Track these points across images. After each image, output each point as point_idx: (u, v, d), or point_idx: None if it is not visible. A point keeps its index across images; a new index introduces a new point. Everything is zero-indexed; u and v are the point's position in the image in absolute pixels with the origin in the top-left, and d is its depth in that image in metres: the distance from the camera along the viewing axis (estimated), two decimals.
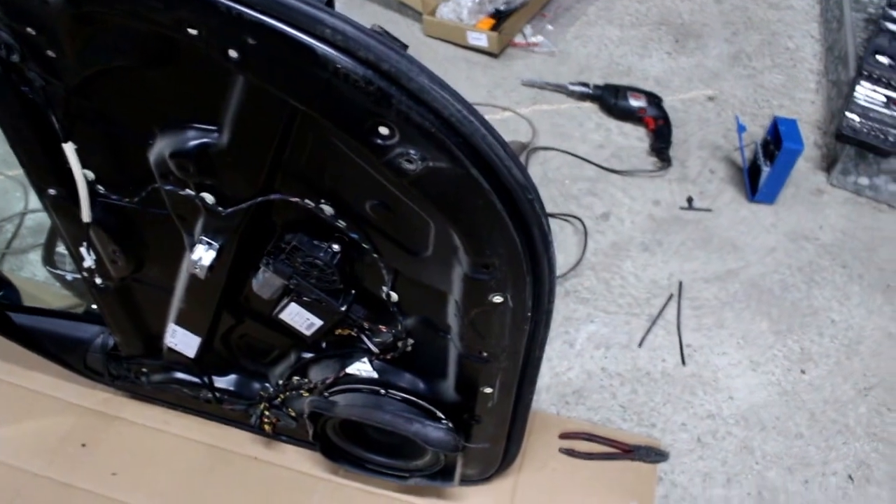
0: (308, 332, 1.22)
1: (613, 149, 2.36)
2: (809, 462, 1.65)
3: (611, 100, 2.44)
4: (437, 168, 0.81)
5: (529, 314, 1.02)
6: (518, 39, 2.71)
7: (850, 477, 1.63)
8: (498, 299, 0.99)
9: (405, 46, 0.81)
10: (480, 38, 2.64)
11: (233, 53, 0.76)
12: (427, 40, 2.73)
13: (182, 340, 1.37)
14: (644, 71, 2.62)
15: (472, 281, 0.98)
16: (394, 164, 0.81)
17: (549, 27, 2.74)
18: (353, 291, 1.14)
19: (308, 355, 1.35)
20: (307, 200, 1.00)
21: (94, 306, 1.47)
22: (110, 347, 1.51)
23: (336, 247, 1.06)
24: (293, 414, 1.42)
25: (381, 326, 1.19)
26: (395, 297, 1.12)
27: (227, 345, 1.40)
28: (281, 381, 1.40)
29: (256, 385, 1.47)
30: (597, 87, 2.48)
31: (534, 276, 0.96)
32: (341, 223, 1.02)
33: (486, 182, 0.82)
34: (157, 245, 1.21)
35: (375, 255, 1.05)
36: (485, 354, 1.12)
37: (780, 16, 2.83)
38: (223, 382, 1.49)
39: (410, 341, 1.20)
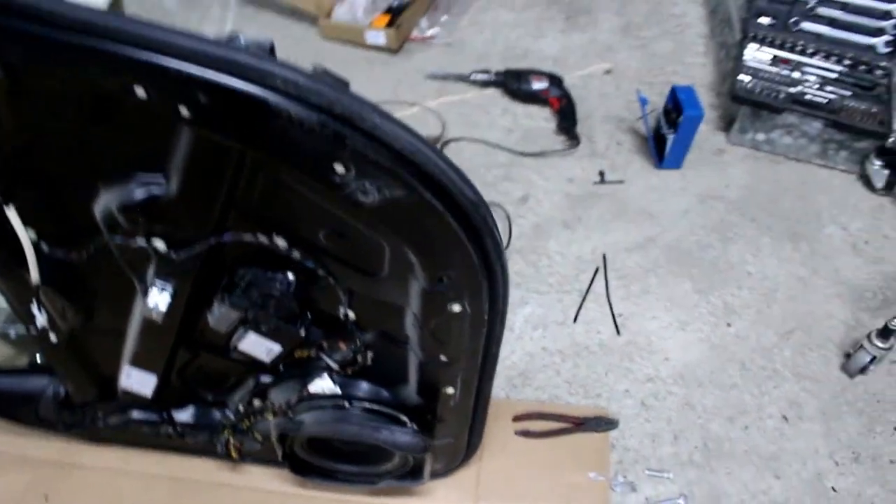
0: (268, 359, 1.24)
1: (522, 132, 2.42)
2: (746, 409, 1.76)
3: (513, 84, 2.51)
4: (392, 197, 0.84)
5: (486, 317, 1.07)
6: (415, 34, 2.74)
7: (784, 417, 1.75)
8: (457, 308, 1.04)
9: (347, 84, 0.84)
10: (378, 36, 2.67)
11: (184, 111, 0.77)
12: (325, 44, 2.74)
13: (138, 381, 1.37)
14: (541, 51, 2.69)
15: (430, 294, 1.02)
16: (350, 198, 0.84)
17: (444, 18, 2.78)
18: (310, 314, 1.17)
19: (267, 379, 1.37)
20: (260, 236, 1.02)
21: (40, 359, 1.46)
22: (62, 397, 1.50)
23: (291, 276, 1.08)
24: (259, 437, 1.44)
25: (340, 344, 1.22)
26: (352, 315, 1.16)
27: (183, 379, 1.41)
28: (242, 407, 1.41)
29: (217, 414, 1.48)
30: (498, 73, 2.54)
31: (489, 282, 1.00)
32: (295, 254, 1.04)
33: (440, 205, 0.86)
34: (106, 293, 1.21)
35: (331, 280, 1.08)
36: (445, 359, 1.17)
37: None
38: (183, 416, 1.49)
39: (370, 354, 1.24)
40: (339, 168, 0.81)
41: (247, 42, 0.80)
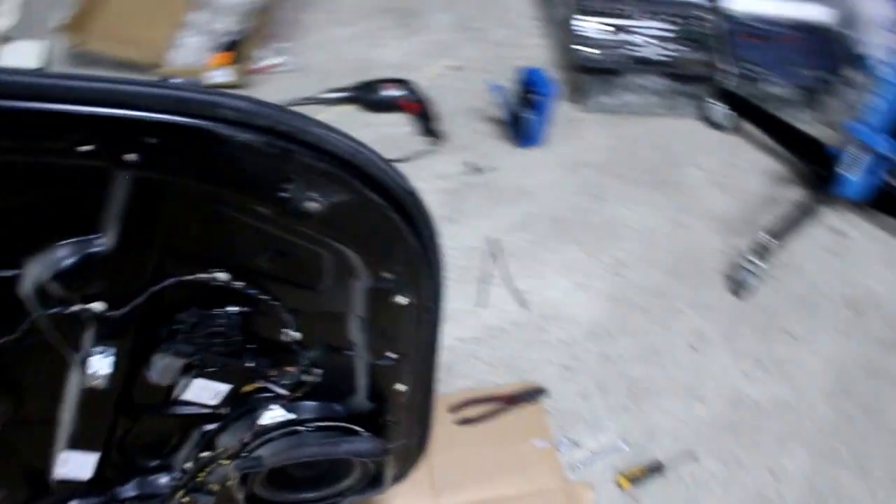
0: (215, 402, 1.23)
1: (387, 141, 2.46)
2: (657, 348, 1.89)
3: (368, 97, 2.55)
4: (339, 202, 0.88)
5: (430, 304, 1.12)
6: (259, 65, 2.74)
7: (692, 347, 1.89)
8: (402, 300, 1.08)
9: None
10: (221, 74, 2.65)
11: (131, 157, 0.78)
12: None
13: (76, 466, 1.31)
14: (385, 60, 2.74)
15: (375, 291, 1.06)
16: (298, 210, 0.87)
17: (284, 44, 2.79)
18: (254, 344, 1.17)
19: (211, 427, 1.36)
20: (201, 274, 1.02)
21: None
22: None
23: (234, 308, 1.08)
24: (215, 488, 1.42)
25: (286, 368, 1.23)
26: (297, 336, 1.17)
27: (123, 451, 1.37)
28: (190, 464, 1.39)
29: (164, 478, 1.44)
30: (350, 88, 2.58)
31: (429, 268, 1.05)
32: (237, 284, 1.05)
33: (381, 199, 0.91)
34: (36, 374, 1.17)
35: (276, 303, 1.09)
36: (394, 356, 1.20)
37: None
38: (127, 491, 1.44)
39: (318, 372, 1.25)
40: (287, 183, 0.84)
41: (180, 81, 0.82)
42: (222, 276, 1.03)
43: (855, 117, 2.12)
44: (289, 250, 1.00)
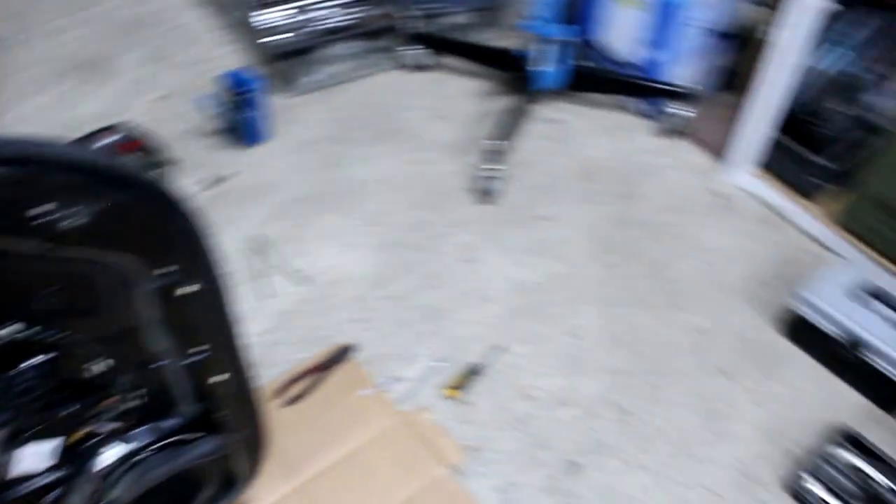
0: (51, 463, 1.20)
1: None
2: (437, 272, 2.05)
3: None
4: (99, 210, 0.90)
5: (213, 284, 1.17)
6: None
7: (466, 260, 2.07)
8: (189, 289, 1.12)
9: None
10: None
11: None
12: None
13: None
14: (91, 113, 2.66)
15: (163, 288, 1.09)
16: (63, 231, 0.88)
17: None
18: (69, 387, 1.15)
19: (54, 495, 1.32)
20: None
21: None
22: None
23: (38, 358, 1.05)
24: None
25: (106, 402, 1.23)
26: (107, 363, 1.17)
27: None
28: None
29: None
30: None
31: (199, 248, 1.11)
32: (32, 332, 1.02)
33: (134, 194, 0.94)
34: None
35: (77, 337, 1.08)
36: (202, 348, 1.24)
37: (150, 8, 3.08)
38: None
39: (141, 393, 1.26)
40: (42, 208, 0.84)
41: None
42: (13, 328, 1.01)
43: (528, 17, 2.39)
44: (69, 279, 1.00)
